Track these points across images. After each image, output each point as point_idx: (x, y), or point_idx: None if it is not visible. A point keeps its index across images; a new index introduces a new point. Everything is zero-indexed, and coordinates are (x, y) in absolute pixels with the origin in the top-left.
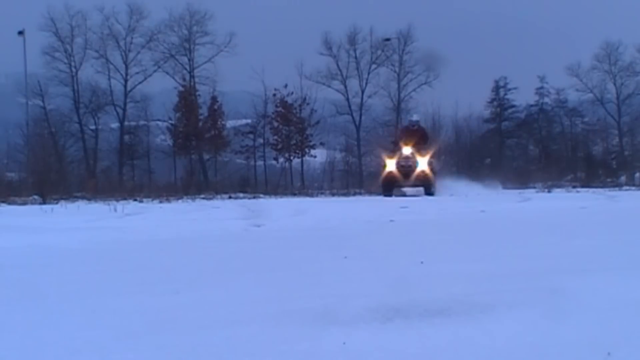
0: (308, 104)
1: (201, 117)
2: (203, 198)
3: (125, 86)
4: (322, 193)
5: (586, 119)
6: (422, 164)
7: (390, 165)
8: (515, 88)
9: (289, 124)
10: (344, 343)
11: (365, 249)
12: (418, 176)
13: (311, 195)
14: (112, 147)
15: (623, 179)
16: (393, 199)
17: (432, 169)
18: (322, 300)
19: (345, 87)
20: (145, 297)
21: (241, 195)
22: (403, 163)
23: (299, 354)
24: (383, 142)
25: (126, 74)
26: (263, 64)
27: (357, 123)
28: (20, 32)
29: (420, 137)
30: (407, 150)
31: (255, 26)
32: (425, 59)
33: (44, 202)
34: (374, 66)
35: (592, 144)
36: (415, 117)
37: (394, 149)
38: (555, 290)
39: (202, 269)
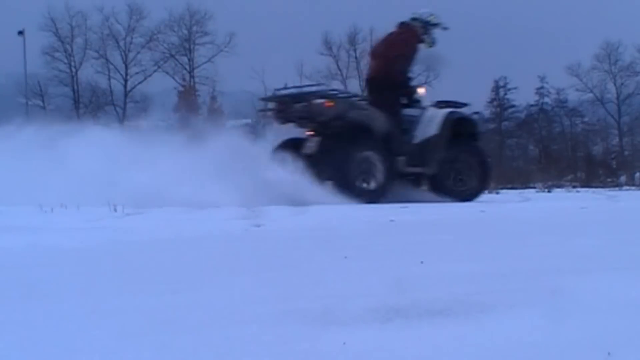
0: None
1: (201, 117)
2: None
3: (125, 86)
4: None
5: (586, 119)
6: None
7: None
8: (515, 88)
9: None
10: (344, 343)
11: (365, 249)
12: None
13: None
14: None
15: (623, 179)
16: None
17: None
18: (322, 300)
19: (345, 87)
20: (145, 297)
21: None
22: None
23: (299, 354)
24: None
25: (126, 74)
26: (263, 64)
27: None
28: (20, 32)
29: None
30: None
31: (255, 26)
32: (425, 59)
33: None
34: None
35: (592, 144)
36: None
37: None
38: (555, 290)
39: (202, 269)
